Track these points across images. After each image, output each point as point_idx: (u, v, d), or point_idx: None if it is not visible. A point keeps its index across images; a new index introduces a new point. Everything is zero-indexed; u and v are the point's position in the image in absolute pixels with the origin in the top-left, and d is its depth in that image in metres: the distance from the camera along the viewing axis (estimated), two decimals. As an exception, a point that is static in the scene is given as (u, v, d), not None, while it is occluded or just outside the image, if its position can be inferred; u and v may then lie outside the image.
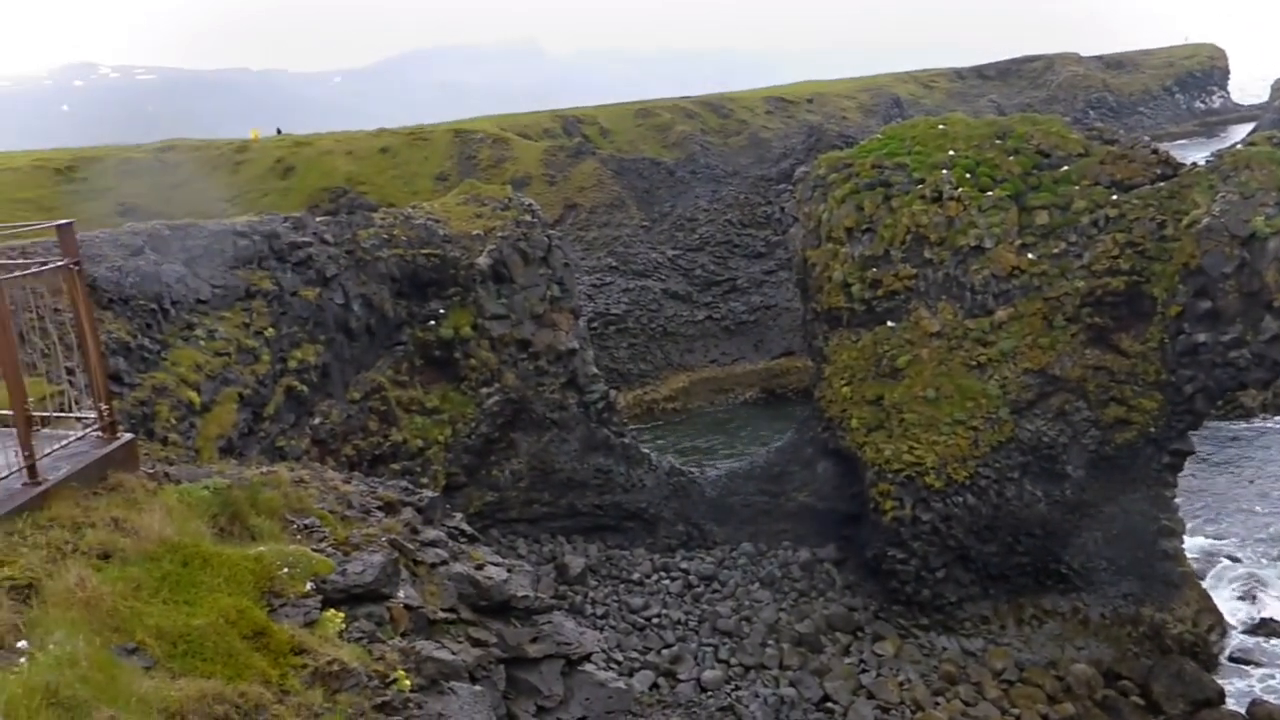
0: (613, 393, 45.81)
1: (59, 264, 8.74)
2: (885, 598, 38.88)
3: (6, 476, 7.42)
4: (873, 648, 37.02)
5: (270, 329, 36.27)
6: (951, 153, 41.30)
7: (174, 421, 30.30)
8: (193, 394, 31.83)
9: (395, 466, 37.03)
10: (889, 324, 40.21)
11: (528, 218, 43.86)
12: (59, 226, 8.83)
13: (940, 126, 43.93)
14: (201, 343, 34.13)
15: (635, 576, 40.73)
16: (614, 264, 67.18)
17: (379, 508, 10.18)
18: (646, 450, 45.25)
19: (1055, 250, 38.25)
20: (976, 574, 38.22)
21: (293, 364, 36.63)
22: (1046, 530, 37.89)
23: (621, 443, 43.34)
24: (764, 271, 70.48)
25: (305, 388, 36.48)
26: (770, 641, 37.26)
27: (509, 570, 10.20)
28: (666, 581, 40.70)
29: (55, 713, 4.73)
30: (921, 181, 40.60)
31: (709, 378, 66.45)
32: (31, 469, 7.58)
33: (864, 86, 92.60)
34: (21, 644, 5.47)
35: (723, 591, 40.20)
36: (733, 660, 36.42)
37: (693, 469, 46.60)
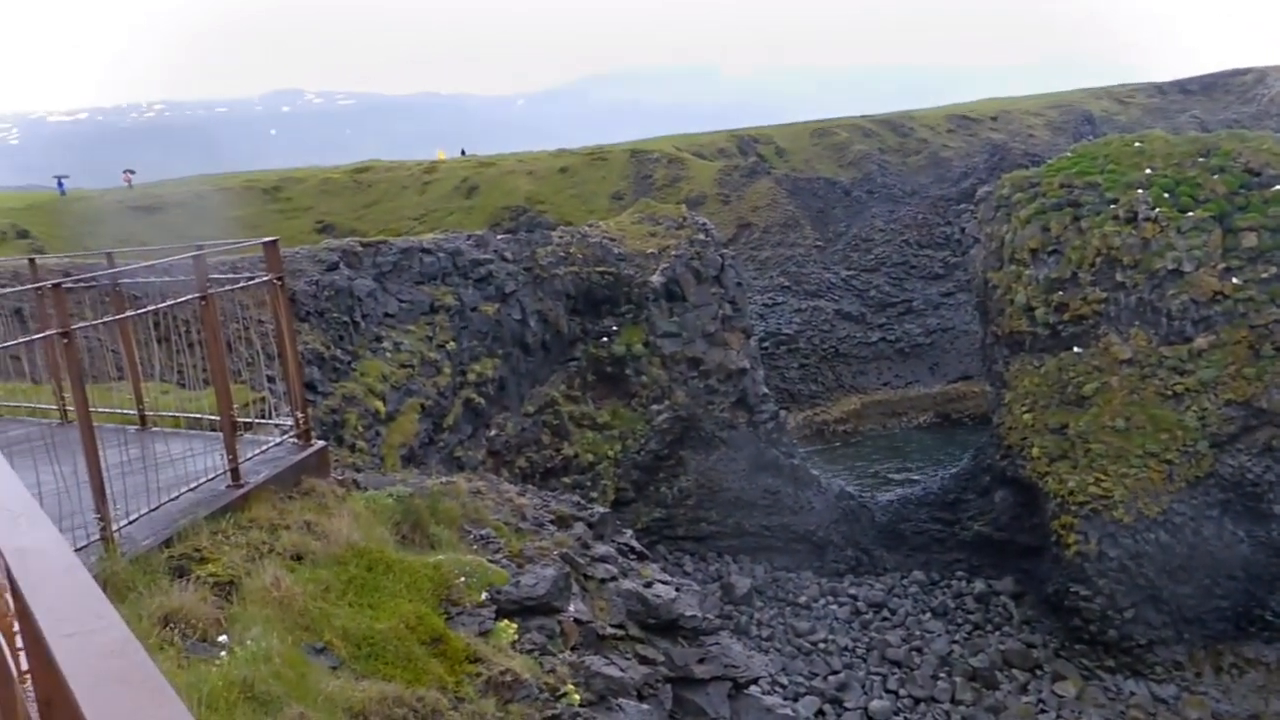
0: (783, 413, 45.42)
1: (264, 278, 9.30)
2: (1067, 635, 36.99)
3: (213, 478, 7.92)
4: (1053, 687, 35.26)
5: (451, 343, 37.63)
6: (1149, 171, 39.18)
7: (361, 429, 31.81)
8: (379, 403, 33.34)
9: (566, 480, 37.74)
10: (1075, 349, 38.39)
11: (701, 236, 44.07)
12: (265, 243, 9.39)
13: (1137, 144, 41.75)
14: (388, 355, 35.75)
15: (802, 600, 40.14)
16: (786, 284, 66.68)
17: (552, 521, 10.37)
18: (816, 472, 44.62)
19: (1264, 275, 35.73)
20: (1169, 616, 35.90)
21: (472, 377, 37.87)
22: (1250, 573, 35.28)
23: (791, 464, 42.88)
24: (941, 294, 68.57)
25: (483, 400, 37.65)
26: (942, 674, 36.02)
27: (677, 589, 10.20)
28: (834, 606, 39.93)
29: (250, 707, 4.99)
30: (1115, 201, 38.66)
31: (882, 400, 65.01)
32: (235, 472, 8.06)
33: (1053, 103, 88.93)
34: (222, 638, 5.81)
35: (892, 620, 39.14)
36: (902, 691, 35.38)
37: (863, 493, 45.63)
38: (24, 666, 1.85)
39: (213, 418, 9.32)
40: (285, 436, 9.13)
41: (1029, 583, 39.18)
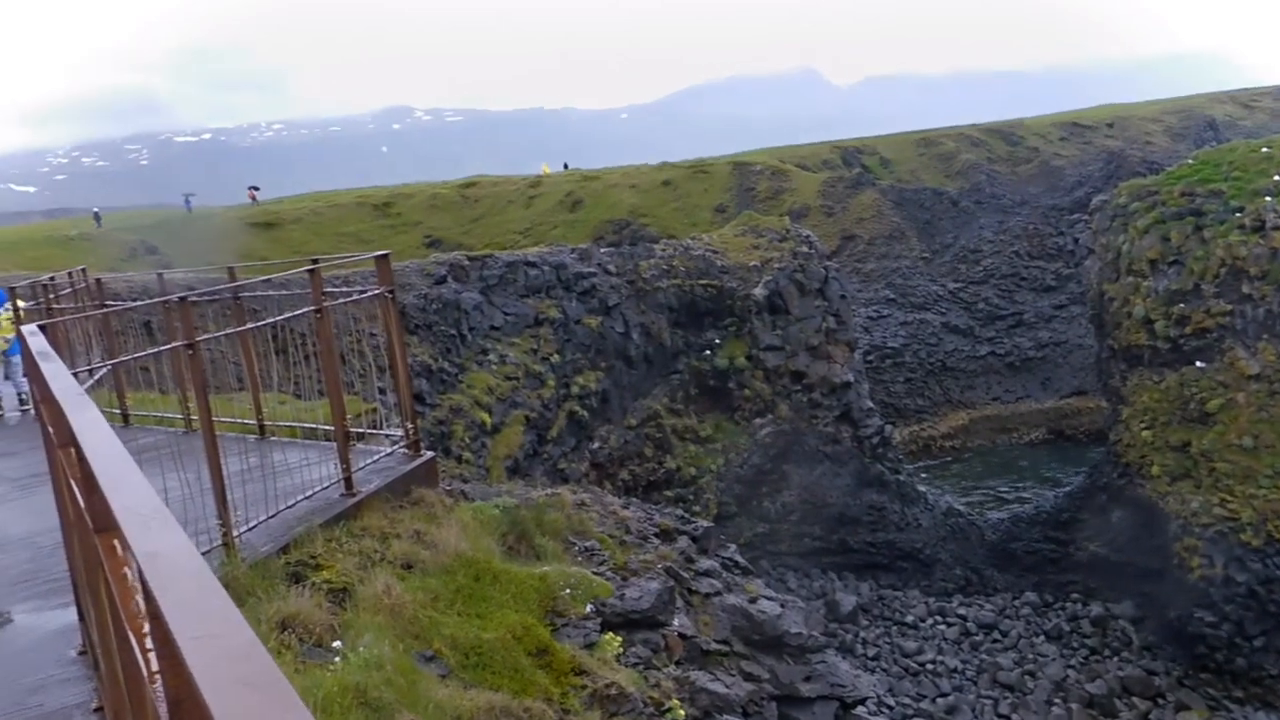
0: (888, 428, 44.63)
1: (376, 292, 9.51)
2: (1191, 663, 35.39)
3: (328, 487, 8.11)
4: (1176, 717, 33.78)
5: (556, 355, 38.01)
6: (1277, 178, 37.45)
7: (467, 440, 32.33)
8: (485, 415, 33.85)
9: (668, 493, 37.72)
10: (1198, 364, 36.84)
11: (805, 249, 43.68)
12: (377, 257, 9.60)
13: (1264, 149, 39.95)
14: (494, 367, 36.30)
15: (909, 619, 39.28)
16: (892, 296, 65.58)
17: (656, 534, 10.34)
18: (922, 488, 43.69)
19: (1404, 285, 33.82)
20: (1301, 646, 34.09)
21: (575, 389, 38.17)
22: (1392, 603, 33.29)
23: (896, 479, 42.10)
24: (1054, 306, 66.58)
25: (586, 413, 37.91)
26: (1057, 700, 34.80)
27: (782, 605, 10.07)
28: (942, 627, 38.97)
29: (363, 713, 5.07)
30: (1240, 210, 37.03)
31: (991, 416, 63.37)
32: (348, 481, 8.24)
33: (1172, 108, 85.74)
34: (336, 644, 5.92)
35: (1004, 642, 38.01)
36: (1014, 716, 34.30)
37: (972, 511, 44.50)
38: (154, 667, 1.88)
39: (327, 428, 9.55)
40: (396, 447, 9.31)
41: (1149, 607, 37.63)
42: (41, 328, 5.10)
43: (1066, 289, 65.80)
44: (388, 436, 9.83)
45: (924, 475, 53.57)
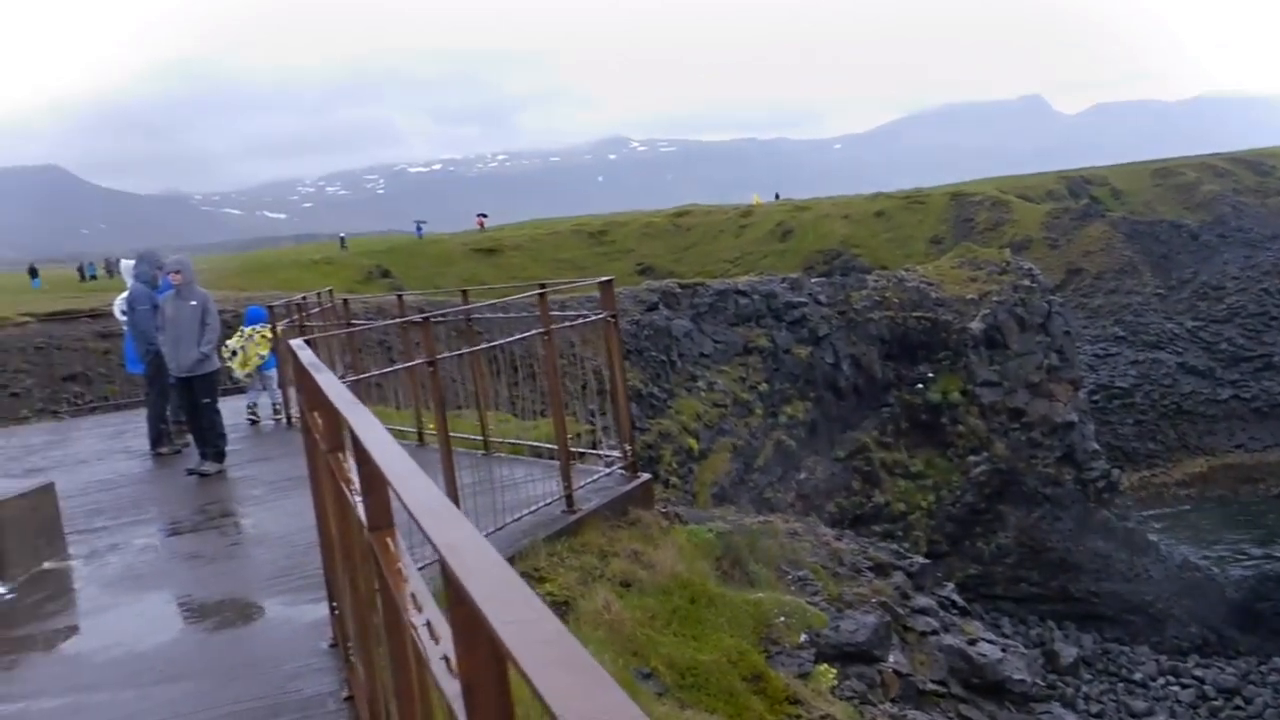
0: (1115, 472, 42.03)
1: (600, 316, 9.79)
2: None
3: (550, 503, 8.38)
4: None
5: (764, 384, 37.94)
6: None
7: (675, 465, 32.68)
8: (692, 441, 34.12)
9: (876, 528, 36.82)
10: None
11: (1026, 282, 41.98)
12: (601, 283, 9.88)
13: None
14: (702, 394, 36.58)
15: (1137, 677, 36.67)
16: (1121, 333, 61.86)
17: (869, 568, 10.14)
18: (1154, 538, 40.87)
19: None
20: None
21: (783, 419, 37.96)
22: None
23: (1124, 527, 39.56)
24: (1309, 347, 61.09)
25: (793, 442, 37.60)
26: (1305, 779, 31.71)
27: (1003, 649, 9.64)
28: (1176, 688, 36.14)
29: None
30: None
31: (1233, 464, 58.55)
32: (569, 499, 8.50)
33: None
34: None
35: (1248, 709, 34.85)
36: (1254, 793, 31.48)
37: (1211, 565, 41.23)
38: (431, 655, 2.02)
39: (549, 446, 9.88)
40: (614, 467, 9.52)
41: None
42: (308, 341, 5.54)
43: (1324, 329, 60.34)
44: (604, 457, 10.07)
45: (1155, 524, 50.04)
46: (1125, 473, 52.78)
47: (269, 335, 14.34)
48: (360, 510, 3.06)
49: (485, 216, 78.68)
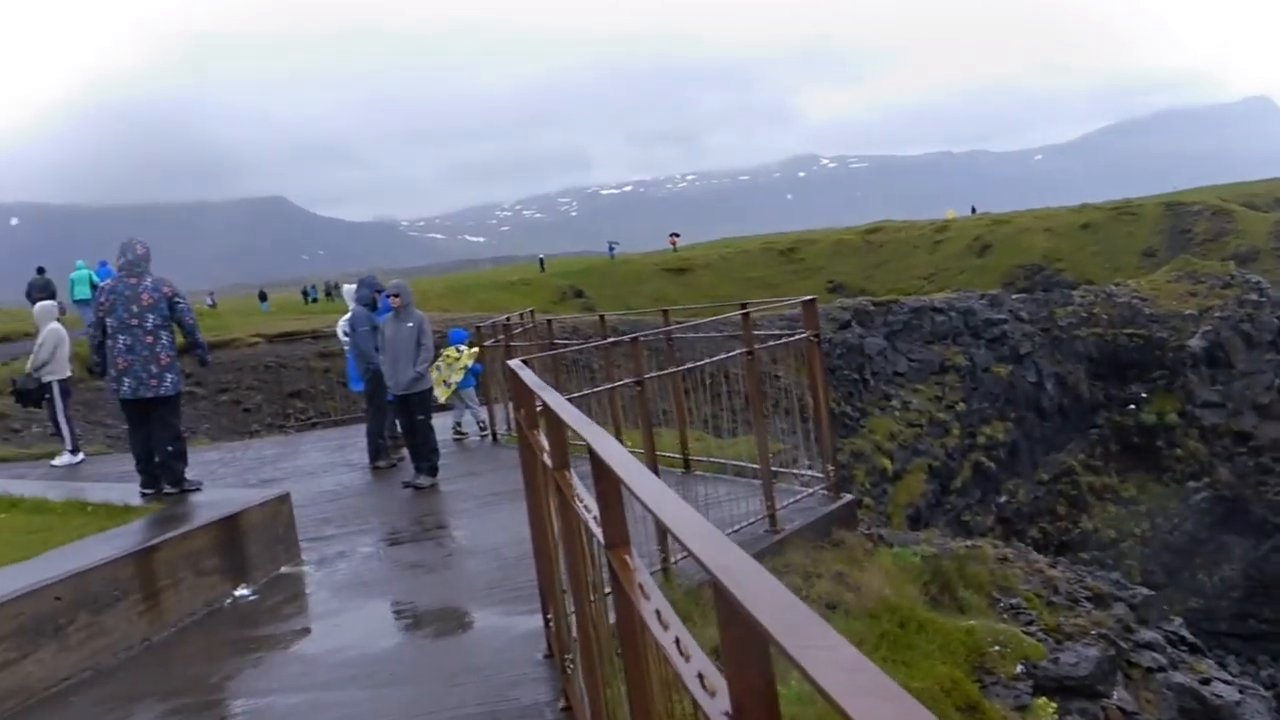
0: (1360, 502, 38.50)
1: (802, 335, 9.72)
2: None
3: (753, 522, 8.37)
4: None
5: (961, 403, 36.76)
6: None
7: (868, 486, 32.04)
8: (886, 461, 33.40)
9: (1084, 556, 34.97)
10: None
11: (1254, 296, 39.13)
12: (804, 302, 9.80)
13: None
14: (896, 413, 35.76)
15: (1382, 727, 33.39)
16: (1366, 350, 56.70)
17: (1087, 598, 9.64)
18: (1405, 576, 37.14)
19: None
20: None
21: (981, 440, 36.66)
22: None
23: (1368, 563, 36.16)
24: None
25: (993, 464, 36.26)
26: None
27: (1240, 690, 8.97)
28: None
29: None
30: None
31: None
32: (773, 518, 8.45)
33: None
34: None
35: None
36: None
37: None
38: (678, 673, 2.05)
39: (749, 465, 9.86)
40: (817, 488, 9.42)
41: None
42: (525, 362, 5.75)
43: None
44: (800, 476, 9.97)
45: (1406, 561, 45.50)
46: (1370, 503, 48.27)
47: (458, 356, 14.89)
48: (593, 526, 3.14)
49: (678, 236, 79.61)
